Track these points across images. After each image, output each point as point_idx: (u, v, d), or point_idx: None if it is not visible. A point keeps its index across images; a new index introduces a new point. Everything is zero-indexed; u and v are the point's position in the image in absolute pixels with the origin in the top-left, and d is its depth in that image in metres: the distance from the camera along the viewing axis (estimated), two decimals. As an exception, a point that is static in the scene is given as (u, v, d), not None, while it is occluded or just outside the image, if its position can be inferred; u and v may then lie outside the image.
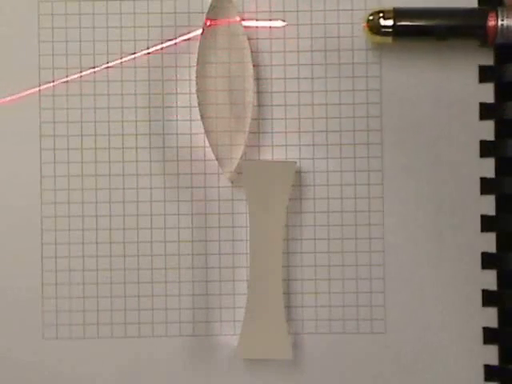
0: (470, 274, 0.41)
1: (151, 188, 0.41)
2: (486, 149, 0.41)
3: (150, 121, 0.41)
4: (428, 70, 0.41)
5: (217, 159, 0.41)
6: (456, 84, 0.41)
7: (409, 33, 0.39)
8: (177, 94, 0.41)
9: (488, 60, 0.41)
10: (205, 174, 0.41)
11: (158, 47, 0.41)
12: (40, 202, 0.41)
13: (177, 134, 0.41)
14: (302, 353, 0.41)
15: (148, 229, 0.41)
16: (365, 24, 0.39)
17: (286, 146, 0.41)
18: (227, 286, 0.41)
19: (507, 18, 0.38)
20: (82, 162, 0.41)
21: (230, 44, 0.41)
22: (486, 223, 0.41)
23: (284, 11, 0.41)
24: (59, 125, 0.41)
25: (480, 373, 0.41)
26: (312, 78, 0.41)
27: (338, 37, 0.41)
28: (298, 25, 0.41)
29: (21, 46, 0.41)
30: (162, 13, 0.42)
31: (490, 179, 0.41)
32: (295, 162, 0.41)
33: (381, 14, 0.39)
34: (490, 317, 0.41)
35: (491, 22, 0.38)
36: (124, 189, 0.41)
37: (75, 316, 0.41)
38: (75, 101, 0.41)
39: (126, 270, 0.41)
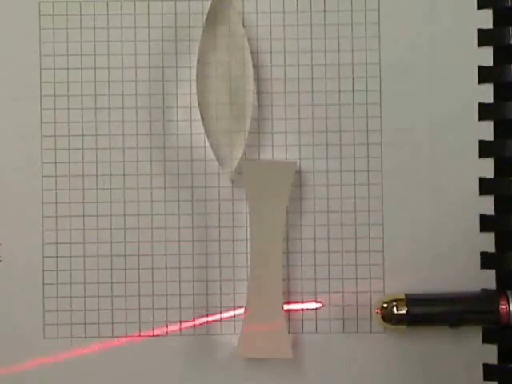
0: (470, 274, 0.41)
1: (152, 188, 0.41)
2: (485, 149, 0.41)
3: (150, 121, 0.42)
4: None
5: (217, 159, 0.41)
6: (455, 84, 0.41)
7: (422, 321, 0.40)
8: (177, 94, 0.42)
9: (487, 60, 0.41)
10: (205, 173, 0.42)
11: (159, 47, 0.42)
12: (41, 201, 0.41)
13: (177, 134, 0.41)
14: (302, 353, 0.41)
15: (148, 228, 0.41)
16: (378, 310, 0.40)
17: (286, 146, 0.41)
18: (227, 285, 0.41)
19: None
20: (82, 162, 0.41)
21: (229, 44, 0.41)
22: (485, 223, 0.41)
23: (284, 11, 0.41)
24: (60, 125, 0.42)
25: (479, 372, 0.41)
26: (312, 78, 0.41)
27: (338, 37, 0.41)
28: (297, 25, 0.41)
29: (22, 46, 0.42)
30: (162, 13, 0.42)
31: (489, 179, 0.41)
32: (295, 162, 0.41)
33: (394, 303, 0.39)
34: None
35: (503, 309, 0.39)
36: (125, 189, 0.41)
37: (76, 315, 0.41)
38: (76, 101, 0.42)
39: (126, 270, 0.41)
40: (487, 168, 0.41)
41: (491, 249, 0.41)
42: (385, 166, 0.41)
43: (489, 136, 0.41)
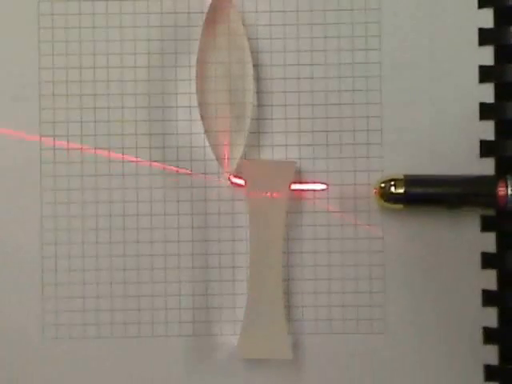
0: (470, 274, 0.41)
1: (151, 188, 0.41)
2: (486, 149, 0.41)
3: (150, 121, 0.41)
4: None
5: (217, 159, 0.41)
6: (456, 84, 0.41)
7: (419, 201, 0.40)
8: (177, 94, 0.41)
9: (488, 60, 0.41)
10: (205, 173, 0.41)
11: (158, 47, 0.42)
12: (40, 201, 0.41)
13: (177, 133, 0.41)
14: (302, 353, 0.41)
15: (148, 229, 0.41)
16: (376, 190, 0.40)
17: (286, 146, 0.41)
18: (227, 285, 0.41)
19: None
20: (82, 162, 0.41)
21: (229, 44, 0.41)
22: (486, 223, 0.41)
23: (284, 11, 0.41)
24: (59, 124, 0.41)
25: (480, 373, 0.41)
26: (312, 78, 0.41)
27: (339, 37, 0.41)
28: (297, 25, 0.41)
29: (21, 45, 0.41)
30: (161, 13, 0.42)
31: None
32: (295, 162, 0.41)
33: (392, 183, 0.39)
34: (490, 317, 0.41)
35: (501, 192, 0.39)
36: (124, 189, 0.41)
37: (75, 316, 0.41)
38: (75, 100, 0.41)
39: (125, 270, 0.41)
40: (488, 168, 0.41)
41: (492, 249, 0.41)
42: (385, 165, 0.41)
43: (490, 136, 0.41)
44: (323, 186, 0.41)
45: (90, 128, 0.41)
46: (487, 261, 0.41)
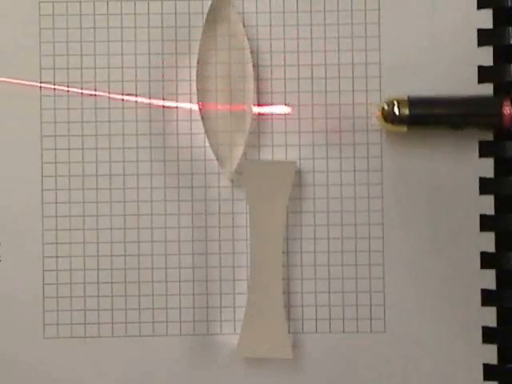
0: (469, 274, 0.41)
1: (152, 188, 0.42)
2: (485, 149, 0.41)
3: (150, 121, 0.42)
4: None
5: (217, 159, 0.41)
6: (455, 84, 0.41)
7: (424, 122, 0.39)
8: (177, 94, 0.42)
9: (487, 60, 0.41)
10: (205, 173, 0.42)
11: (159, 47, 0.42)
12: (41, 201, 0.41)
13: (177, 133, 0.42)
14: (302, 353, 0.41)
15: (148, 228, 0.41)
16: (379, 112, 0.40)
17: (286, 146, 0.41)
18: (227, 285, 0.41)
19: None
20: (82, 162, 0.41)
21: (230, 44, 0.41)
22: (485, 223, 0.41)
23: (284, 11, 0.41)
24: (60, 125, 0.42)
25: (479, 372, 0.41)
26: (312, 78, 0.41)
27: (338, 37, 0.41)
28: (297, 25, 0.41)
29: (22, 46, 0.42)
30: (162, 13, 0.42)
31: (489, 179, 0.41)
32: (295, 162, 0.41)
33: (395, 103, 0.39)
34: (489, 316, 0.41)
35: (506, 110, 0.38)
36: (125, 189, 0.41)
37: (76, 315, 0.41)
38: (76, 101, 0.42)
39: (126, 270, 0.41)
40: (487, 168, 0.41)
41: (491, 249, 0.41)
42: (385, 166, 0.41)
43: (489, 136, 0.41)
44: (287, 109, 0.41)
45: (91, 128, 0.41)
46: (486, 260, 0.41)
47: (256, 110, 0.40)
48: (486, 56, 0.41)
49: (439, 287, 0.41)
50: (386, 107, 0.39)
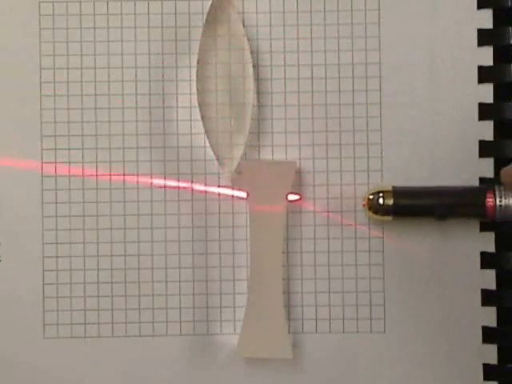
0: (470, 274, 0.41)
1: (152, 188, 0.41)
2: (485, 149, 0.41)
3: (150, 121, 0.42)
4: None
5: (217, 159, 0.41)
6: (455, 84, 0.41)
7: (408, 212, 0.40)
8: (177, 94, 0.42)
9: (487, 60, 0.41)
10: (205, 173, 0.42)
11: (159, 47, 0.42)
12: (41, 201, 0.41)
13: (177, 134, 0.42)
14: (301, 352, 0.41)
15: (148, 228, 0.41)
16: (365, 202, 0.40)
17: (286, 146, 0.41)
18: (227, 285, 0.41)
19: (505, 197, 0.38)
20: (82, 162, 0.41)
21: (230, 44, 0.41)
22: (485, 223, 0.41)
23: (284, 11, 0.41)
24: (60, 125, 0.42)
25: (479, 372, 0.41)
26: (312, 78, 0.41)
27: (338, 37, 0.41)
28: (297, 25, 0.41)
29: (22, 46, 0.42)
30: (162, 13, 0.42)
31: (489, 179, 0.41)
32: (295, 162, 0.41)
33: (380, 194, 0.39)
34: (489, 316, 0.41)
35: (489, 202, 0.39)
36: (125, 189, 0.41)
37: (76, 315, 0.41)
38: (76, 101, 0.42)
39: (126, 270, 0.41)
40: (487, 168, 0.41)
41: (491, 249, 0.41)
42: (385, 165, 0.41)
43: (489, 136, 0.41)
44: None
45: (91, 128, 0.41)
46: (486, 261, 0.41)
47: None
48: (486, 56, 0.41)
49: (439, 287, 0.41)
50: (371, 197, 0.40)
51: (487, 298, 0.41)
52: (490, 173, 0.41)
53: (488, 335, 0.41)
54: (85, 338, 0.41)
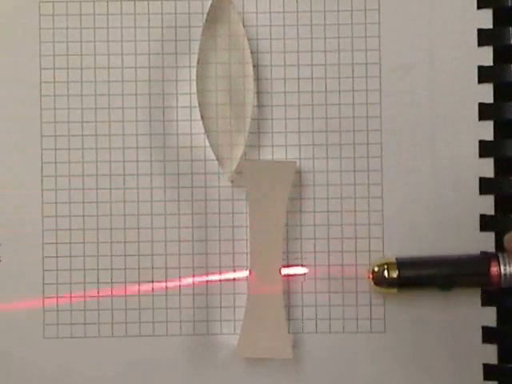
0: (470, 274, 0.41)
1: (152, 188, 0.42)
2: (485, 149, 0.41)
3: (150, 121, 0.42)
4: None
5: (217, 159, 0.41)
6: (455, 84, 0.41)
7: (413, 284, 0.40)
8: (177, 94, 0.42)
9: (487, 60, 0.41)
10: (205, 173, 0.42)
11: (159, 47, 0.42)
12: (41, 201, 0.41)
13: (177, 134, 0.42)
14: (301, 352, 0.41)
15: (148, 228, 0.41)
16: (370, 275, 0.40)
17: (286, 146, 0.41)
18: (227, 285, 0.41)
19: (509, 264, 0.39)
20: (82, 162, 0.41)
21: (230, 44, 0.41)
22: (485, 223, 0.41)
23: (284, 11, 0.42)
24: (60, 125, 0.42)
25: (479, 372, 0.41)
26: (312, 78, 0.41)
27: (338, 37, 0.41)
28: (297, 25, 0.41)
29: (22, 46, 0.42)
30: (162, 13, 0.42)
31: (489, 179, 0.41)
32: (295, 162, 0.41)
33: (385, 267, 0.39)
34: (489, 316, 0.41)
35: (494, 271, 0.39)
36: (125, 188, 0.42)
37: (76, 315, 0.41)
38: (76, 101, 0.42)
39: (126, 270, 0.41)
40: (487, 168, 0.41)
41: (491, 249, 0.41)
42: (385, 166, 0.41)
43: (489, 136, 0.41)
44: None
45: (91, 128, 0.41)
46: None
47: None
48: (486, 56, 0.41)
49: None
50: (376, 270, 0.40)
51: (487, 297, 0.41)
52: (490, 173, 0.41)
53: (488, 335, 0.41)
54: (85, 338, 0.41)
